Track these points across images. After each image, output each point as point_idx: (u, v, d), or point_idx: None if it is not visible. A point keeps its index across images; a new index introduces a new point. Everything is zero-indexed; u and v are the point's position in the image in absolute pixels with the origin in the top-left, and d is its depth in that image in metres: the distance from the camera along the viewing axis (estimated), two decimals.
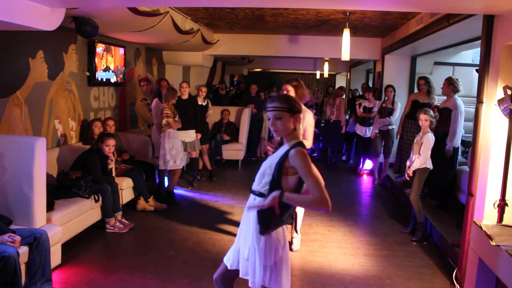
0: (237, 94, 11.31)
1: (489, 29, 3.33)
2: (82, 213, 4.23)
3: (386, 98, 6.90)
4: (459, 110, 4.95)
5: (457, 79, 5.17)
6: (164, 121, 5.30)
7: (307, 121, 3.76)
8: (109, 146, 4.61)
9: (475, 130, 3.49)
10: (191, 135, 6.11)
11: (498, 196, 3.09)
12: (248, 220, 2.31)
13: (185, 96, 6.17)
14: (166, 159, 5.36)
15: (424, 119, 4.56)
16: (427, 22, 5.01)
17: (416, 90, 6.64)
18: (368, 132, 7.56)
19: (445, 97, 5.32)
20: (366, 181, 7.60)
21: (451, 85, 5.07)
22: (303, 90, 3.75)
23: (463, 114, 4.99)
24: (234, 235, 4.68)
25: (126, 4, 3.83)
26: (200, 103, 6.85)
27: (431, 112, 4.65)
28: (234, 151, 8.13)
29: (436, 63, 7.59)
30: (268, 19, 6.47)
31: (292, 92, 3.69)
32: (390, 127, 6.88)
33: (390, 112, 6.77)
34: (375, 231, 4.95)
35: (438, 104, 5.63)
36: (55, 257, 3.54)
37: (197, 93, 6.97)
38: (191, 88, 8.52)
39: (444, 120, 5.06)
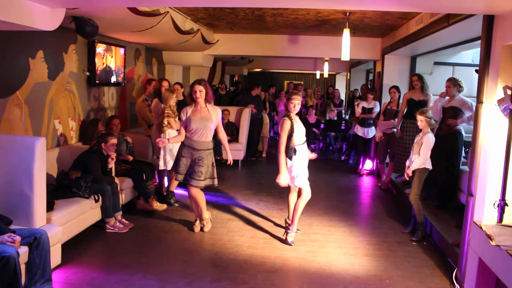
0: (236, 93, 11.31)
1: (489, 29, 3.33)
2: (82, 213, 4.24)
3: (391, 99, 6.76)
4: (469, 102, 4.99)
5: (459, 79, 5.20)
6: (165, 121, 5.31)
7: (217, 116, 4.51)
8: (114, 145, 4.66)
9: (475, 130, 3.50)
10: None
11: (498, 196, 3.09)
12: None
13: (179, 97, 6.22)
14: (166, 159, 5.35)
15: (420, 120, 4.56)
16: (427, 22, 5.01)
17: None
18: (369, 132, 7.55)
19: (437, 95, 5.35)
20: (366, 181, 7.60)
21: (457, 85, 5.09)
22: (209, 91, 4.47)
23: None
24: (234, 235, 4.69)
25: (126, 4, 3.84)
26: None
27: (429, 112, 4.65)
28: (234, 151, 8.12)
29: (436, 63, 7.58)
30: (268, 19, 6.47)
31: (203, 93, 4.38)
32: (395, 130, 6.68)
33: (395, 114, 6.62)
34: (375, 231, 4.95)
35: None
36: (55, 257, 3.55)
37: None
38: None
39: (451, 118, 5.06)
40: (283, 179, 4.28)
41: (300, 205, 4.40)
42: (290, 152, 4.21)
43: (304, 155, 4.37)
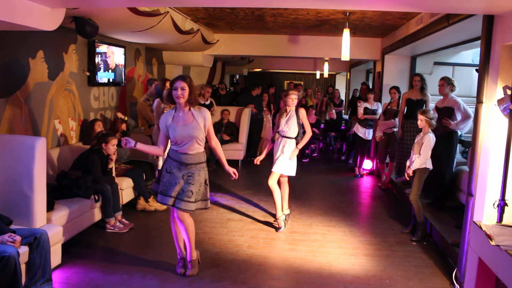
0: (235, 93, 11.30)
1: (489, 29, 3.33)
2: (82, 213, 4.24)
3: (391, 100, 6.79)
4: (460, 103, 5.02)
5: (453, 79, 5.24)
6: None
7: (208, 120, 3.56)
8: (114, 146, 4.66)
9: (475, 130, 3.50)
10: None
11: (498, 196, 3.09)
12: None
13: None
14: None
15: (420, 119, 4.57)
16: (427, 22, 5.01)
17: None
18: (369, 134, 7.54)
19: (436, 95, 5.36)
20: (366, 181, 7.60)
21: (450, 85, 5.13)
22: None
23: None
24: (234, 235, 4.69)
25: (126, 4, 3.84)
26: (202, 102, 6.84)
27: (430, 112, 4.65)
28: (234, 151, 8.13)
29: (436, 63, 7.59)
30: (268, 19, 6.47)
31: (186, 92, 3.40)
32: (395, 129, 6.72)
33: (395, 114, 6.64)
34: (375, 231, 4.95)
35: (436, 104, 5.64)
36: (55, 257, 3.55)
37: (199, 93, 6.97)
38: None
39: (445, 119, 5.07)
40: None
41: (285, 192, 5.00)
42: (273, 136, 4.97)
43: (286, 148, 4.80)
